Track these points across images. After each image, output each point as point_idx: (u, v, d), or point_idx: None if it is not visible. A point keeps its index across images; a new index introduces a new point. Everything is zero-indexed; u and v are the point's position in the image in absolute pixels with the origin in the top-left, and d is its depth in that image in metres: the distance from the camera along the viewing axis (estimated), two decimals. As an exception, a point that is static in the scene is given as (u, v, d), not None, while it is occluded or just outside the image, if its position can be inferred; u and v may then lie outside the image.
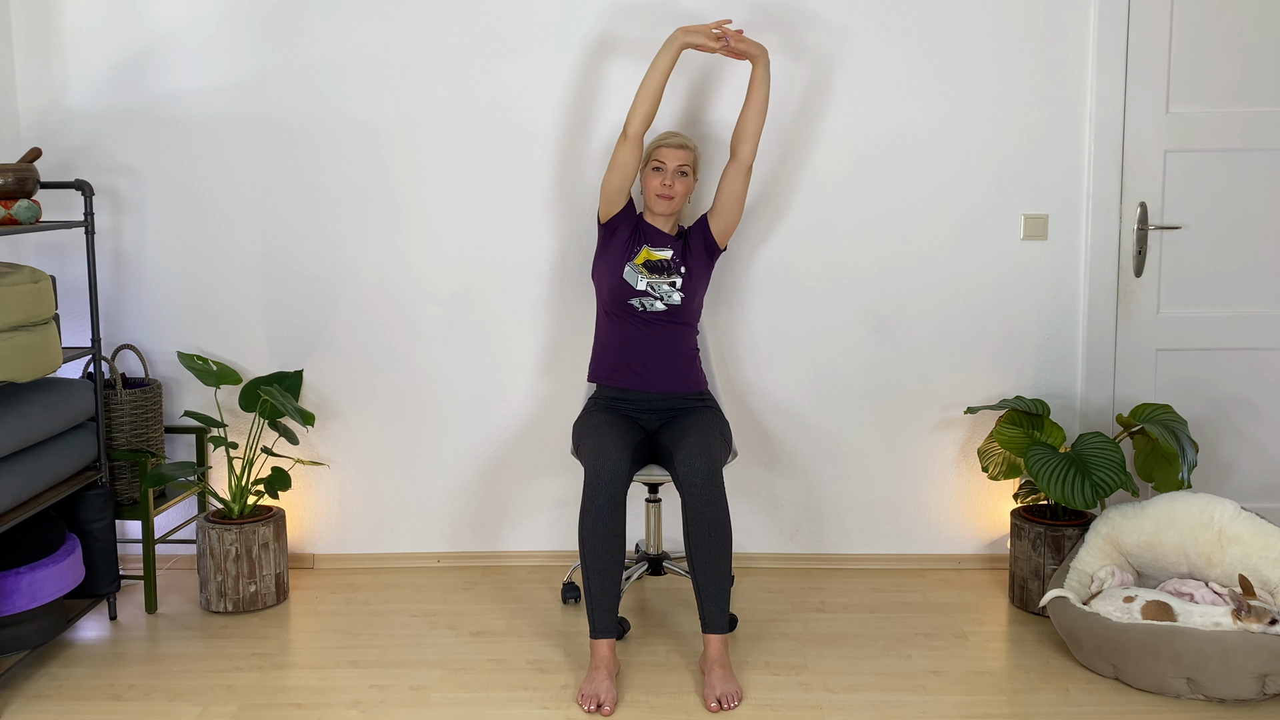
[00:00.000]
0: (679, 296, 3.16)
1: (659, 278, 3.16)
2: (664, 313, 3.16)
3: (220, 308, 3.65)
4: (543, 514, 3.72)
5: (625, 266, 3.17)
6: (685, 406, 3.20)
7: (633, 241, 3.20)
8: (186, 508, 3.75)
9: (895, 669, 2.97)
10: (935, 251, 3.57)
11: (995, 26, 3.47)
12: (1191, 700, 2.78)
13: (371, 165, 3.57)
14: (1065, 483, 3.12)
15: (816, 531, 3.71)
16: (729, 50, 3.14)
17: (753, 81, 3.15)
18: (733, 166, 3.19)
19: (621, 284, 3.16)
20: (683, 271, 3.19)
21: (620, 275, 3.17)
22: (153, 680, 2.94)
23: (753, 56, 3.15)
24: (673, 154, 3.18)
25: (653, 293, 3.16)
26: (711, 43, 3.11)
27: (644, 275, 3.17)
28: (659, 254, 3.19)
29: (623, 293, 3.16)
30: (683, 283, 3.18)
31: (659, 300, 3.16)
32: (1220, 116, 3.50)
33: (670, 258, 3.19)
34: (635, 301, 3.16)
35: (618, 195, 3.18)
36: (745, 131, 3.17)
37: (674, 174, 3.18)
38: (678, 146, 3.19)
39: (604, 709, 2.74)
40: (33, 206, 3.02)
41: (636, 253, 3.19)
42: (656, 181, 3.18)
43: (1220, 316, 3.59)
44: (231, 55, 3.53)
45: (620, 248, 3.19)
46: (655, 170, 3.19)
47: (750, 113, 3.16)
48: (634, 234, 3.22)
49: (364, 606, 3.42)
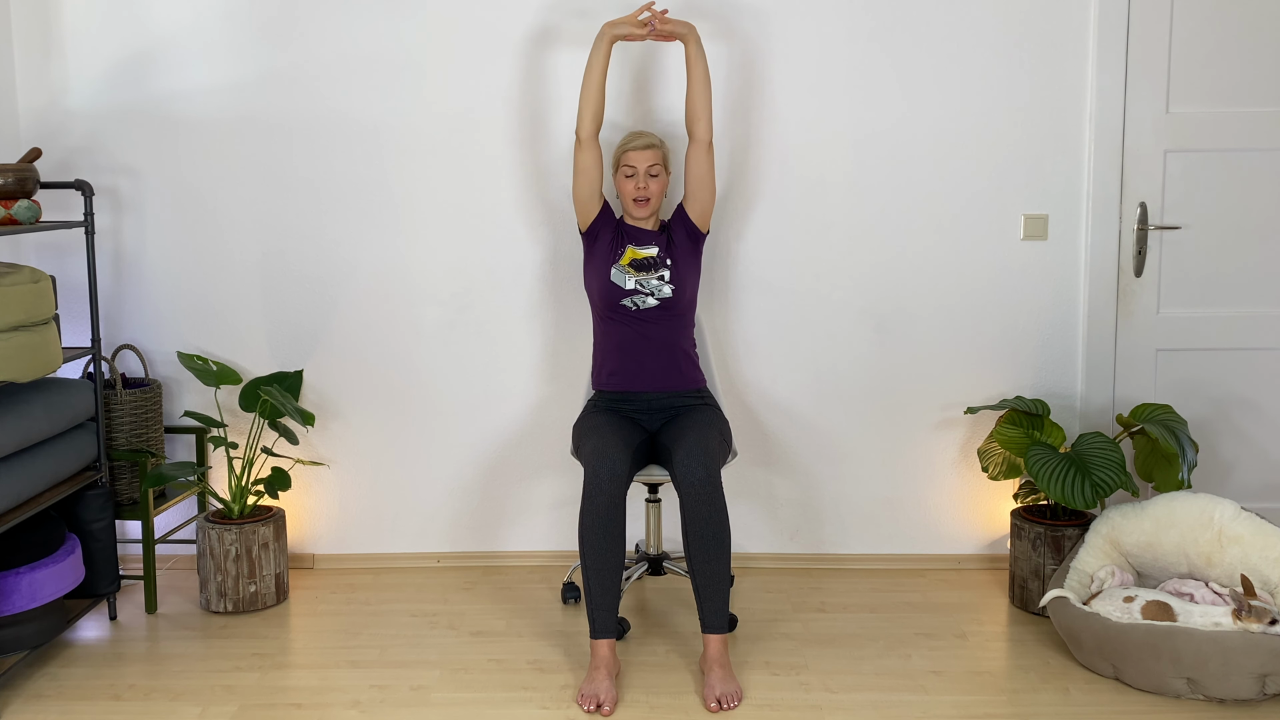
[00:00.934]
0: (669, 289, 3.16)
1: (647, 274, 3.17)
2: (657, 307, 3.16)
3: (220, 308, 3.65)
4: (543, 514, 3.72)
5: (612, 269, 3.17)
6: (684, 405, 3.20)
7: (616, 244, 3.21)
8: (186, 508, 3.75)
9: (895, 669, 2.97)
10: (935, 251, 3.57)
11: (996, 26, 3.47)
12: (1191, 700, 2.78)
13: (371, 165, 3.57)
14: (1065, 483, 3.12)
15: (816, 531, 3.71)
16: (657, 35, 3.16)
17: (688, 59, 3.17)
18: (694, 148, 3.19)
19: (610, 286, 3.16)
20: (669, 264, 3.18)
21: (608, 278, 3.17)
22: (153, 680, 2.94)
23: (681, 35, 3.16)
24: (641, 156, 3.17)
25: (643, 289, 3.16)
26: (639, 30, 3.14)
27: (631, 274, 3.16)
28: (644, 251, 3.19)
29: (613, 295, 3.16)
30: (671, 275, 3.18)
31: (650, 296, 3.16)
32: (1220, 116, 3.50)
33: (656, 254, 3.19)
34: (627, 301, 3.16)
35: (590, 201, 3.19)
36: (695, 110, 3.17)
37: (646, 176, 3.17)
38: (645, 147, 3.19)
39: (604, 709, 2.74)
40: (33, 206, 3.02)
41: (621, 254, 3.19)
42: (631, 186, 3.18)
43: (1220, 316, 3.59)
44: (231, 56, 3.53)
45: (605, 252, 3.19)
46: (627, 177, 3.18)
47: (694, 91, 3.17)
48: (616, 237, 3.22)
49: (364, 606, 3.42)
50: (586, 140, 3.15)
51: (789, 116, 3.52)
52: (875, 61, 3.49)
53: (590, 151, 3.16)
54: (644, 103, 3.51)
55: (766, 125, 3.51)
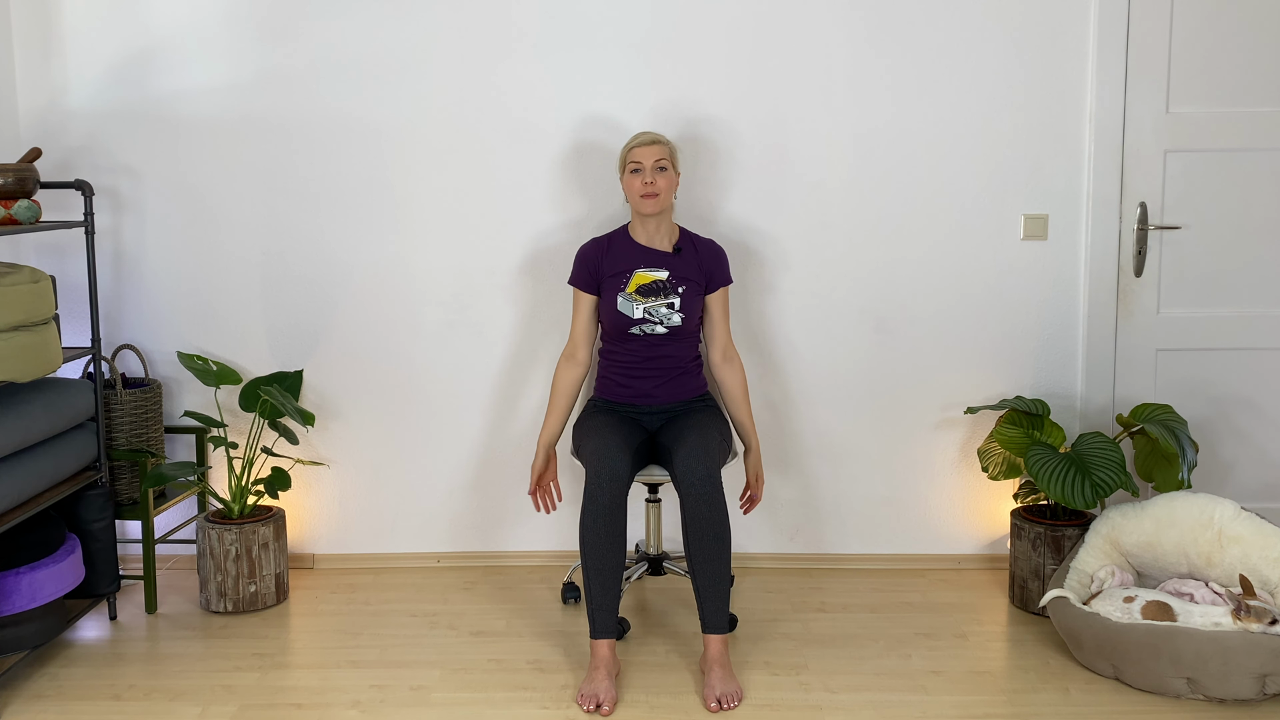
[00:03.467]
0: (679, 318, 3.13)
1: (655, 300, 3.12)
2: (665, 334, 3.15)
3: (220, 308, 3.65)
4: (543, 514, 3.72)
5: (619, 298, 3.14)
6: (685, 408, 3.20)
7: (621, 273, 3.17)
8: (186, 508, 3.75)
9: (895, 669, 2.97)
10: (936, 251, 3.57)
11: (996, 26, 3.47)
12: (1191, 700, 2.78)
13: (371, 165, 3.57)
14: (1065, 483, 3.12)
15: (816, 531, 3.71)
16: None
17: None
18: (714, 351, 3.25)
19: (618, 316, 3.13)
20: (680, 291, 3.14)
21: (615, 308, 3.13)
22: (153, 680, 2.94)
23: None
24: (646, 151, 3.14)
25: (651, 318, 3.12)
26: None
27: (639, 301, 3.12)
28: (652, 275, 3.15)
29: (621, 324, 3.13)
30: (681, 302, 3.13)
31: (659, 324, 3.13)
32: (1220, 116, 3.50)
33: (666, 278, 3.15)
34: (635, 330, 3.13)
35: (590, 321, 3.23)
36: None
37: (653, 170, 3.12)
38: (650, 143, 3.15)
39: (603, 709, 2.74)
40: (33, 206, 3.02)
41: (627, 281, 3.15)
42: (638, 182, 3.13)
43: (1220, 316, 3.59)
44: (231, 56, 3.53)
45: (611, 283, 3.16)
46: (634, 173, 3.14)
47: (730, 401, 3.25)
48: (620, 265, 3.16)
49: (364, 606, 3.42)
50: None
51: (789, 117, 3.52)
52: (874, 62, 3.49)
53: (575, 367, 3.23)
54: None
55: (766, 125, 3.51)
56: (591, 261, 3.19)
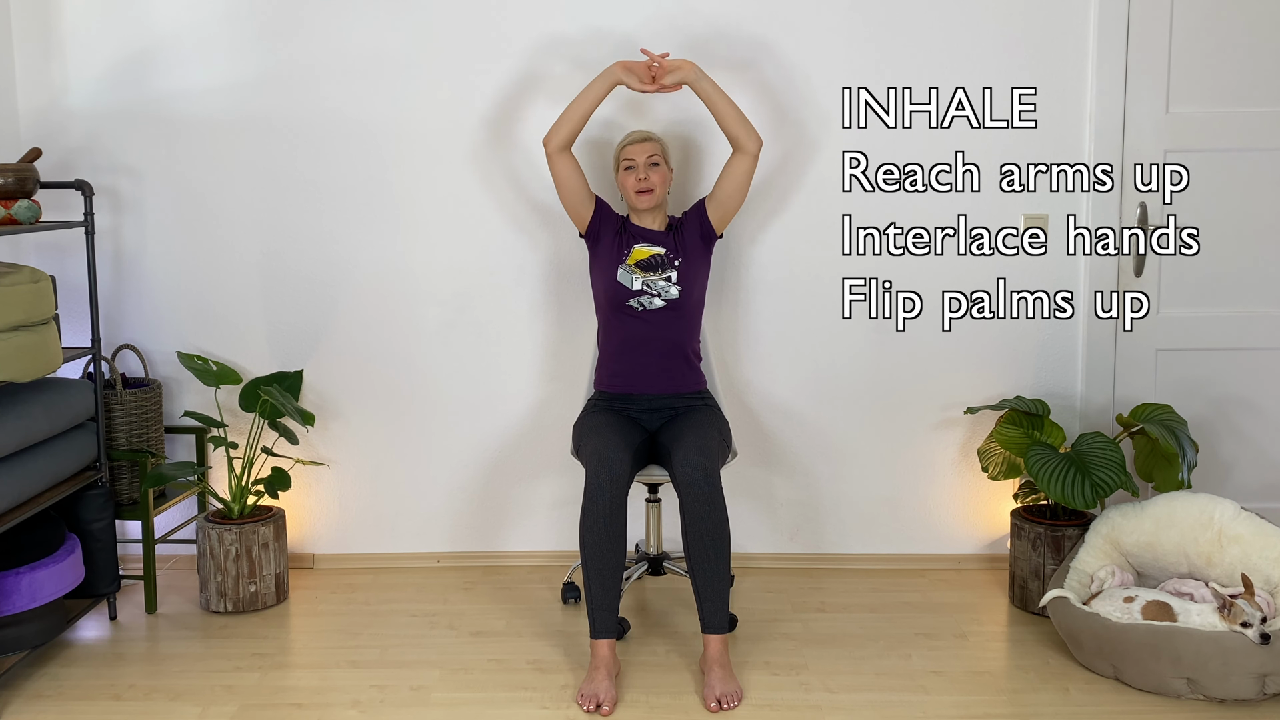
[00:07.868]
0: (676, 290, 3.16)
1: (654, 274, 3.16)
2: (664, 309, 3.16)
3: (220, 308, 3.65)
4: (543, 514, 3.72)
5: (618, 269, 3.17)
6: (685, 406, 3.20)
7: (622, 244, 3.20)
8: (186, 508, 3.75)
9: (895, 669, 2.97)
10: (936, 251, 3.57)
11: (996, 26, 3.47)
12: (1191, 700, 2.78)
13: (371, 165, 3.57)
14: (1065, 483, 3.12)
15: (816, 531, 3.71)
16: (660, 88, 3.15)
17: (703, 98, 3.15)
18: (738, 157, 3.17)
19: (616, 287, 3.16)
20: (677, 264, 3.17)
21: (614, 278, 3.16)
22: (153, 680, 2.94)
23: (688, 82, 3.14)
24: (639, 148, 3.17)
25: (649, 290, 3.15)
26: (645, 86, 3.14)
27: (638, 274, 3.16)
28: (651, 250, 3.18)
29: (619, 295, 3.16)
30: (679, 275, 3.17)
31: (657, 297, 3.15)
32: (1220, 116, 3.50)
33: (664, 254, 3.18)
34: (633, 302, 3.15)
35: (579, 205, 3.20)
36: (730, 130, 3.15)
37: (646, 166, 3.16)
38: (641, 140, 3.19)
39: (603, 709, 2.74)
40: (33, 206, 3.02)
41: (628, 253, 3.18)
42: (632, 179, 3.17)
43: (1220, 316, 3.59)
44: (231, 55, 3.53)
45: (610, 252, 3.19)
46: (627, 169, 3.18)
47: (721, 119, 3.15)
48: (621, 235, 3.21)
49: (364, 606, 3.42)
50: (555, 153, 3.15)
51: (788, 117, 3.52)
52: (874, 61, 3.49)
53: (562, 162, 3.16)
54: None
55: (765, 126, 3.51)
56: (608, 208, 3.25)
